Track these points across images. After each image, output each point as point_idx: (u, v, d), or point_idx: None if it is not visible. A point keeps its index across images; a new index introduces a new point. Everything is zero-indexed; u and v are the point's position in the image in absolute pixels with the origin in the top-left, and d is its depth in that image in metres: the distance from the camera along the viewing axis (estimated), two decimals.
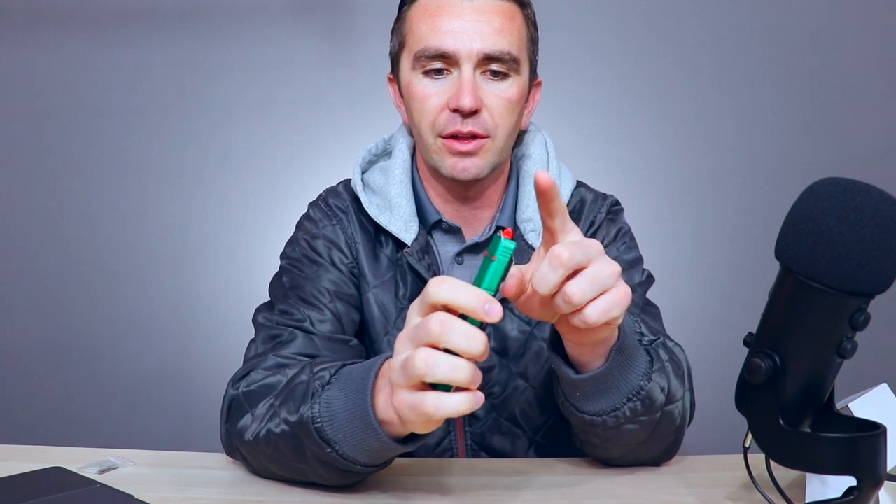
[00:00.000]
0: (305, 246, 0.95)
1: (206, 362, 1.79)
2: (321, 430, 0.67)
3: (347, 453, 0.67)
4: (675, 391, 0.76)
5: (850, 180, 0.53)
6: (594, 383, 0.70)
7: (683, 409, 0.79)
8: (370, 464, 0.69)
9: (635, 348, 0.71)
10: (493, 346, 0.93)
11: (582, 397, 0.72)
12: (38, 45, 1.83)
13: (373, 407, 0.64)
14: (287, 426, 0.71)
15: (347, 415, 0.66)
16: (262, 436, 0.73)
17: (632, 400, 0.71)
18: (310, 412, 0.68)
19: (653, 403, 0.73)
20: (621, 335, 0.68)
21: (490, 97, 0.88)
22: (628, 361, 0.70)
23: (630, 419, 0.73)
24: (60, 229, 1.84)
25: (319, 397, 0.68)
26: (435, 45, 0.87)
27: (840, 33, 1.79)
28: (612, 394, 0.71)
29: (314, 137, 1.81)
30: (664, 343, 0.79)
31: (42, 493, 0.68)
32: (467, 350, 0.55)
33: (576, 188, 1.02)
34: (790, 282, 0.55)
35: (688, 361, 0.82)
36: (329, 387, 0.69)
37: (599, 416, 0.72)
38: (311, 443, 0.68)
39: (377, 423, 0.63)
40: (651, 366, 0.72)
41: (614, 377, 0.70)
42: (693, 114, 1.80)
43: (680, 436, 0.82)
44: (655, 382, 0.72)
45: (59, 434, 1.79)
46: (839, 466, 0.55)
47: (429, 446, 0.94)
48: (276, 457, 0.74)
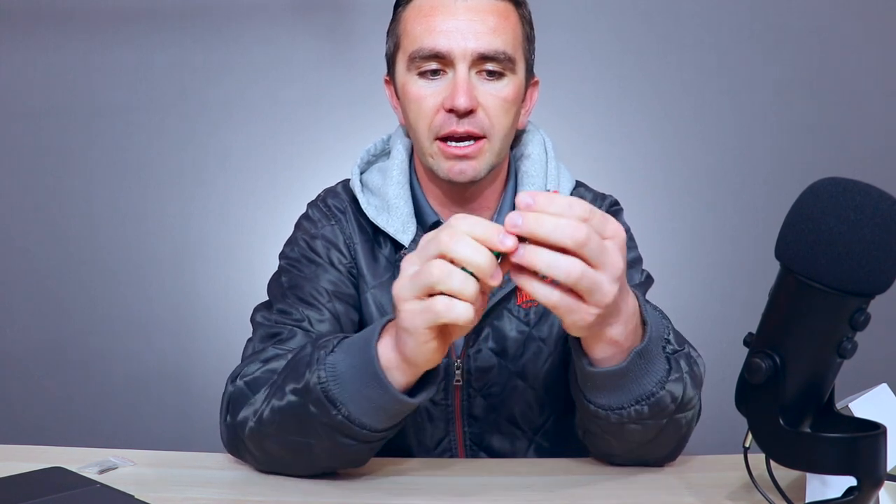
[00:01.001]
0: (304, 246, 0.95)
1: (206, 362, 1.79)
2: (327, 391, 0.68)
3: (354, 414, 0.68)
4: (688, 402, 0.75)
5: (850, 180, 0.53)
6: (608, 379, 0.70)
7: (692, 418, 0.79)
8: (377, 427, 0.70)
9: (656, 354, 0.70)
10: (492, 346, 0.93)
11: (592, 388, 0.72)
12: (38, 45, 1.83)
13: (377, 358, 0.66)
14: (294, 395, 0.72)
15: (353, 372, 0.68)
16: (266, 415, 0.74)
17: (640, 403, 0.71)
18: (316, 377, 0.69)
19: (662, 410, 0.73)
20: (646, 338, 0.68)
21: (485, 97, 0.87)
22: (646, 366, 0.70)
23: (634, 420, 0.73)
24: (60, 229, 1.84)
25: (324, 361, 0.70)
26: (429, 45, 0.86)
27: (840, 33, 1.79)
28: (623, 393, 0.71)
29: (314, 137, 1.81)
30: (688, 354, 0.77)
31: (42, 493, 0.68)
32: (474, 261, 0.58)
33: (575, 188, 1.02)
34: (790, 282, 0.55)
35: (704, 373, 0.80)
36: (333, 353, 0.70)
37: (604, 409, 0.73)
38: (318, 407, 0.69)
39: (382, 372, 0.66)
40: (668, 375, 0.71)
41: (629, 378, 0.70)
42: (693, 114, 1.80)
43: (684, 442, 0.82)
44: (668, 391, 0.72)
45: (59, 434, 1.79)
46: (839, 466, 0.55)
47: (428, 447, 0.94)
48: (280, 436, 0.74)
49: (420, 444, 0.94)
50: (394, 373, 0.66)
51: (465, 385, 0.93)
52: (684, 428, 0.78)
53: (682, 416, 0.76)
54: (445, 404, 0.93)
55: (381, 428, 0.70)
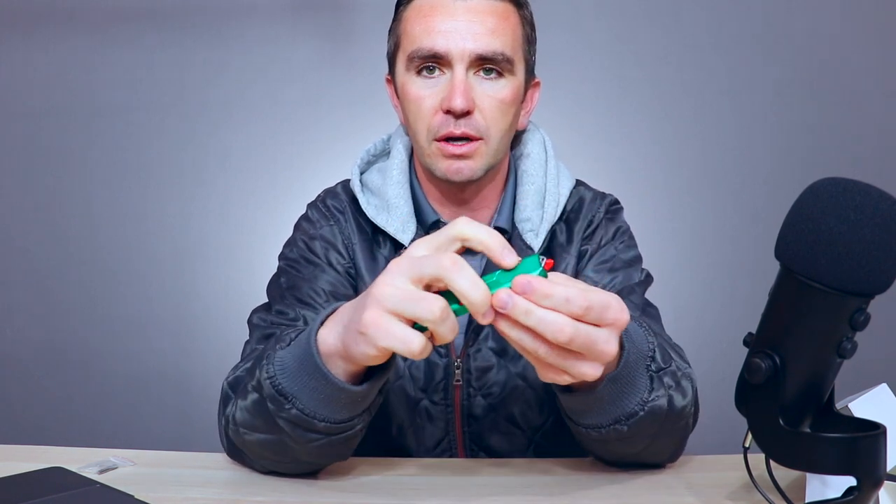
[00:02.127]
0: (303, 246, 0.95)
1: (206, 362, 1.79)
2: (277, 385, 0.68)
3: (309, 407, 0.67)
4: (676, 414, 0.74)
5: (850, 180, 0.53)
6: (582, 404, 0.70)
7: (686, 426, 0.78)
8: (336, 418, 0.68)
9: (635, 376, 0.69)
10: (492, 346, 0.93)
11: (570, 412, 0.73)
12: (38, 45, 1.83)
13: (316, 347, 0.65)
14: (254, 392, 0.72)
15: (298, 364, 0.67)
16: (238, 415, 0.74)
17: (619, 423, 0.70)
18: (265, 372, 0.69)
19: (644, 428, 0.72)
20: (620, 364, 0.66)
21: (483, 98, 0.87)
22: (623, 389, 0.69)
23: (615, 438, 0.73)
24: (60, 229, 1.84)
25: (275, 356, 0.69)
26: (428, 45, 0.87)
27: (840, 33, 1.79)
28: (601, 414, 0.70)
29: (314, 137, 1.81)
30: (674, 371, 0.75)
31: (42, 493, 0.68)
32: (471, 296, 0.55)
33: (574, 187, 1.02)
34: (790, 282, 0.55)
35: (695, 385, 0.79)
36: (286, 347, 0.70)
37: (584, 427, 0.73)
38: (274, 403, 0.69)
39: (321, 361, 0.64)
40: (650, 394, 0.70)
41: (605, 402, 0.69)
42: (693, 114, 1.80)
43: (681, 447, 0.81)
44: (649, 411, 0.70)
45: (59, 434, 1.79)
46: (839, 466, 0.55)
47: (428, 447, 0.94)
48: (253, 434, 0.74)
49: (420, 444, 0.94)
50: (336, 361, 0.65)
51: (464, 385, 0.93)
52: (678, 435, 0.78)
53: (672, 427, 0.75)
54: (445, 404, 0.93)
55: (340, 419, 0.69)
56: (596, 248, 0.97)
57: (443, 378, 0.93)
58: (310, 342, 0.66)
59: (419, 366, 0.93)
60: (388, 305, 0.57)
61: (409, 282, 0.57)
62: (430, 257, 0.57)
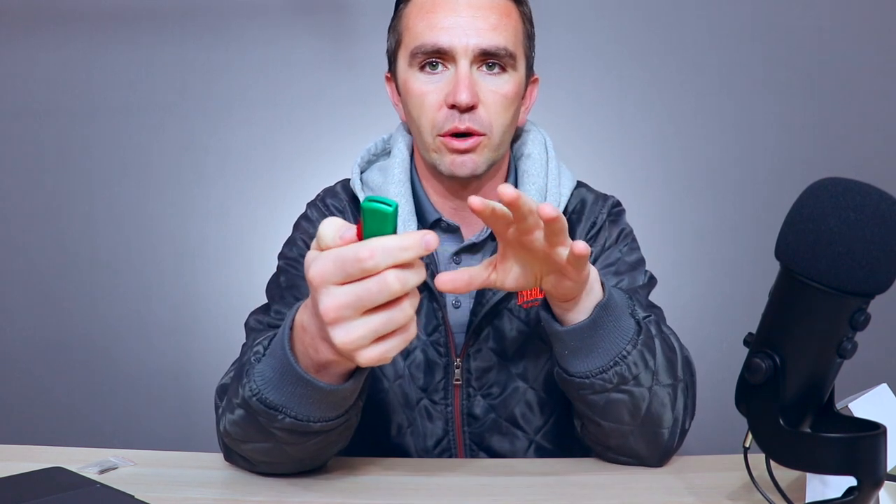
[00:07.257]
0: (302, 246, 0.96)
1: (206, 362, 1.78)
2: (264, 400, 0.68)
3: (299, 413, 0.68)
4: (663, 372, 0.77)
5: (850, 180, 0.53)
6: (579, 336, 0.73)
7: (674, 398, 0.79)
8: (330, 415, 0.69)
9: (622, 311, 0.75)
10: (492, 346, 0.93)
11: (570, 355, 0.75)
12: (38, 45, 1.83)
13: (295, 358, 0.65)
14: (240, 408, 0.72)
15: (279, 375, 0.67)
16: (228, 427, 0.75)
17: (618, 364, 0.74)
18: (248, 390, 0.70)
19: (639, 373, 0.75)
20: (606, 293, 0.73)
21: (486, 93, 0.88)
22: (614, 322, 0.73)
23: (616, 387, 0.75)
24: (60, 229, 1.84)
25: (253, 371, 0.70)
26: (431, 41, 0.87)
27: (840, 33, 1.79)
28: (598, 354, 0.74)
29: (314, 137, 1.81)
30: (657, 322, 0.81)
31: (42, 493, 0.68)
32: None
33: (576, 188, 1.02)
34: (790, 282, 0.55)
35: (686, 358, 0.82)
36: (262, 360, 0.70)
37: (587, 377, 0.75)
38: (265, 416, 0.69)
39: (302, 370, 0.65)
40: (638, 335, 0.75)
41: (599, 334, 0.73)
42: (693, 114, 1.80)
43: (673, 440, 0.81)
44: (640, 351, 0.75)
45: (59, 434, 1.79)
46: (839, 466, 0.55)
47: (428, 447, 0.94)
48: (249, 443, 0.75)
49: (419, 444, 0.94)
50: (319, 373, 0.65)
51: (464, 385, 0.93)
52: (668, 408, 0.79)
53: (661, 390, 0.78)
54: (445, 404, 0.93)
55: (335, 415, 0.70)
56: (600, 250, 0.97)
57: (442, 378, 0.93)
58: (286, 354, 0.65)
59: (419, 366, 0.93)
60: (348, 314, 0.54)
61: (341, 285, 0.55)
62: (347, 257, 0.54)
